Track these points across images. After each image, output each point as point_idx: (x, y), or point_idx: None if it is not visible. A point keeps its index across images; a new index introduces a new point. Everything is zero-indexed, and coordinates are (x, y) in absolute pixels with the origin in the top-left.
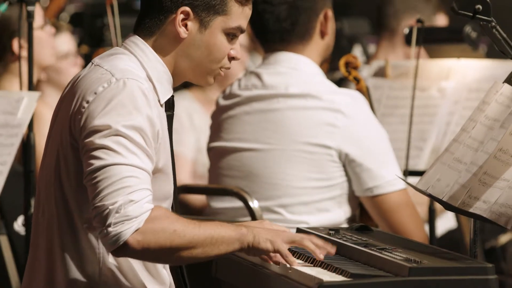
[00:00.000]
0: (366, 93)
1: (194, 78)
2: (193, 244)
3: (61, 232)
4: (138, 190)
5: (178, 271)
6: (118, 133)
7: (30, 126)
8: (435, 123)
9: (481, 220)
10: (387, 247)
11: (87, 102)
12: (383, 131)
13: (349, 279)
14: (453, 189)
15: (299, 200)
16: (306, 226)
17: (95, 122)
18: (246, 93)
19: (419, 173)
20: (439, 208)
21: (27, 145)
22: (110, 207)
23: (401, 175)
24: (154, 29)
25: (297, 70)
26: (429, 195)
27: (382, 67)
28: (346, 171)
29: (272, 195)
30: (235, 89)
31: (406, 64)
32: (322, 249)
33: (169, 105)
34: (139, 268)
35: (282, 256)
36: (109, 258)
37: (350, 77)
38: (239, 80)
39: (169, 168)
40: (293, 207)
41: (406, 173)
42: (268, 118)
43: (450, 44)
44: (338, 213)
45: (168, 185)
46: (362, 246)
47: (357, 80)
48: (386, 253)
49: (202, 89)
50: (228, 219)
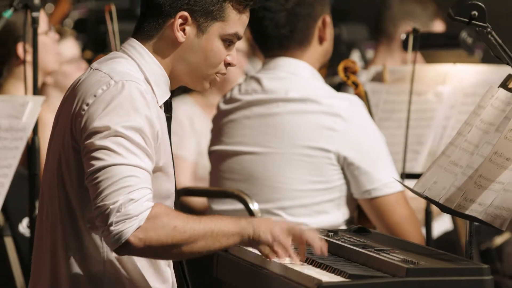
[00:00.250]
0: (365, 97)
1: (190, 83)
2: (194, 239)
3: (65, 233)
4: (138, 189)
5: (179, 271)
6: (118, 133)
7: (35, 130)
8: (432, 127)
9: (477, 222)
10: (385, 249)
11: (87, 104)
12: (380, 135)
13: (347, 279)
14: (449, 192)
15: (299, 202)
16: None
17: (95, 124)
18: (246, 97)
19: (416, 176)
20: (435, 210)
21: (31, 148)
22: (111, 206)
23: (399, 177)
24: (153, 32)
25: (297, 75)
26: (425, 197)
27: (379, 72)
28: (344, 174)
29: (272, 198)
30: (236, 94)
31: (403, 69)
32: (322, 243)
33: (167, 107)
34: (142, 266)
35: (282, 247)
36: (112, 257)
37: (349, 82)
38: (240, 85)
39: (170, 167)
40: (293, 210)
41: (403, 176)
42: (268, 122)
43: (446, 49)
44: (337, 215)
45: (169, 184)
46: (360, 248)
47: (356, 85)
48: (384, 254)
49: (202, 93)
50: None
